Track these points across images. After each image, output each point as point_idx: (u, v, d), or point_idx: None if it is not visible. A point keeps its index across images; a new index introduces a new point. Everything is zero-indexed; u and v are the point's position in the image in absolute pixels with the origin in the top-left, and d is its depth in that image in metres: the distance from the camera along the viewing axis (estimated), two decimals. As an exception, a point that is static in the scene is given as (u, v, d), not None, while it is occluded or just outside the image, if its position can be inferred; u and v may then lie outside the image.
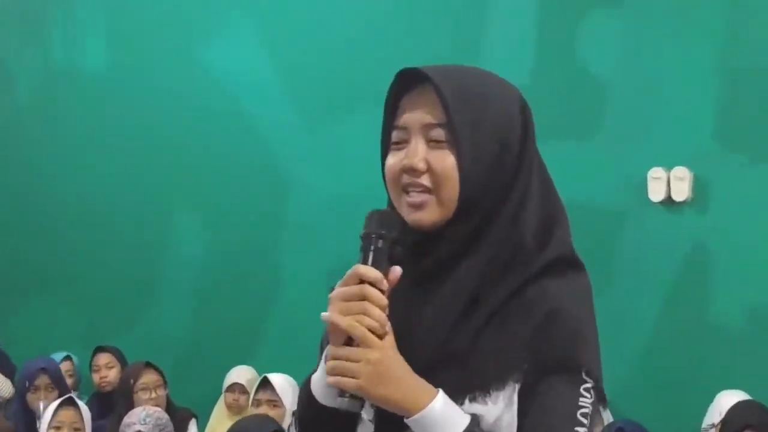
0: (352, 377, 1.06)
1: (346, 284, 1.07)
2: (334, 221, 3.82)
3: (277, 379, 3.22)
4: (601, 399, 1.11)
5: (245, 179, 4.66)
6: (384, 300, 1.06)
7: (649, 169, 3.59)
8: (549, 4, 4.10)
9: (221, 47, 4.61)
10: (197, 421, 3.90)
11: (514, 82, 1.19)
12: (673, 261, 3.67)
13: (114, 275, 4.79)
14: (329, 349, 1.09)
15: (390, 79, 1.10)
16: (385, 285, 1.07)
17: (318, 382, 1.13)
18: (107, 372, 3.99)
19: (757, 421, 3.00)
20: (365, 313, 1.05)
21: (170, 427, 3.24)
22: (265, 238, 4.26)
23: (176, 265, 4.82)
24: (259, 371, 3.62)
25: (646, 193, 3.62)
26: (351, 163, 3.80)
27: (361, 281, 1.07)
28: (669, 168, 3.56)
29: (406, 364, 1.08)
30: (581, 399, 1.08)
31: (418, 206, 1.12)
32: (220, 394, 4.05)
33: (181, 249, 4.80)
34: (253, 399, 3.29)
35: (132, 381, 3.58)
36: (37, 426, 3.47)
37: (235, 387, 3.86)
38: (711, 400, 3.31)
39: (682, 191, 3.54)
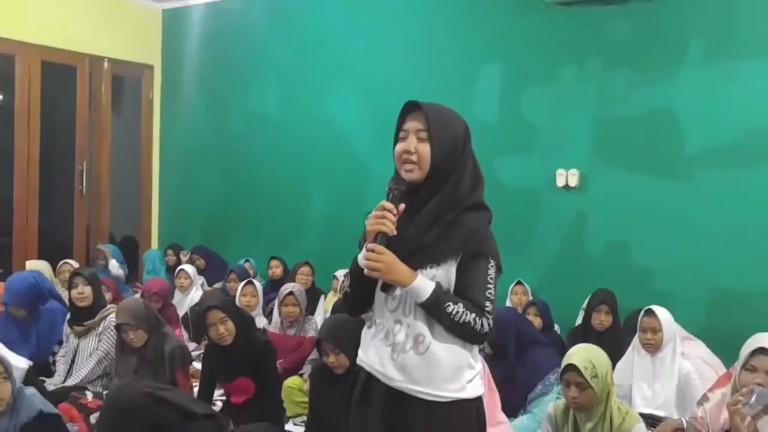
0: (375, 269, 1.78)
1: (376, 210, 1.79)
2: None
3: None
4: (499, 269, 1.86)
5: (346, 185, 6.06)
6: (392, 218, 1.78)
7: (557, 169, 5.12)
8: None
9: (336, 102, 6.22)
10: (325, 297, 5.54)
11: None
12: (567, 218, 5.13)
13: (279, 220, 6.57)
14: (366, 245, 1.80)
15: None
16: (395, 212, 1.80)
17: (359, 260, 1.85)
18: (277, 270, 5.97)
19: (605, 298, 4.29)
20: (383, 224, 1.77)
21: (303, 295, 4.72)
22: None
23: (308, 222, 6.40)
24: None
25: (555, 182, 5.14)
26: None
27: (384, 209, 1.79)
28: (567, 169, 5.09)
29: (397, 260, 1.78)
30: (489, 269, 1.82)
31: (409, 171, 1.84)
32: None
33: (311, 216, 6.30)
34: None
35: (295, 271, 5.62)
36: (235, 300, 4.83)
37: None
38: (587, 294, 4.54)
39: (573, 181, 5.07)
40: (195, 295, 5.68)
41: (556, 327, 4.81)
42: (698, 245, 4.67)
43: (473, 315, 1.80)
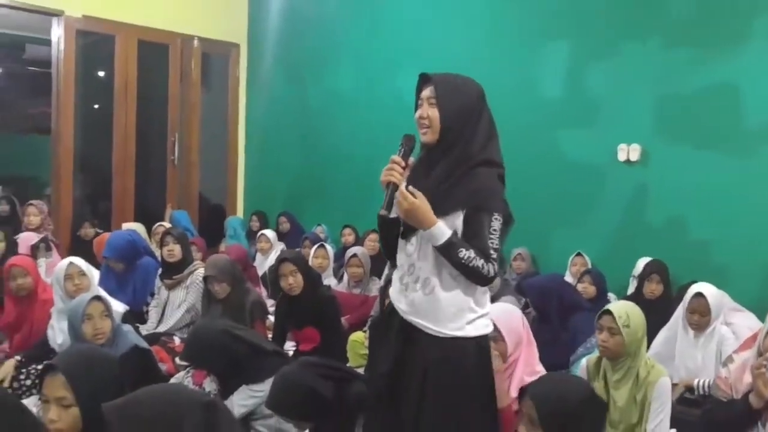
0: (403, 207, 2.03)
1: (389, 163, 2.06)
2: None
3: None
4: (507, 221, 2.05)
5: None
6: (400, 170, 2.04)
7: (618, 144, 5.21)
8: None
9: (407, 78, 5.96)
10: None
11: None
12: (627, 192, 5.21)
13: (352, 190, 6.73)
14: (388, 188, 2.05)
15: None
16: (403, 164, 2.07)
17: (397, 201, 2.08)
18: (349, 237, 6.38)
19: (657, 268, 4.43)
20: (392, 175, 2.03)
21: (367, 257, 5.17)
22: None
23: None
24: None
25: (617, 156, 5.22)
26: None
27: (393, 162, 2.06)
28: (629, 143, 5.17)
29: (427, 204, 2.00)
30: (492, 221, 2.04)
31: (424, 134, 2.11)
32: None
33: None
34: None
35: (364, 238, 5.99)
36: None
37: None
38: (637, 260, 4.90)
39: (635, 156, 5.15)
40: (274, 258, 6.07)
41: (611, 296, 4.94)
42: (756, 220, 4.71)
43: (482, 261, 2.03)
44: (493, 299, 3.50)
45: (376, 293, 4.80)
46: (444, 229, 2.04)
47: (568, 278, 5.10)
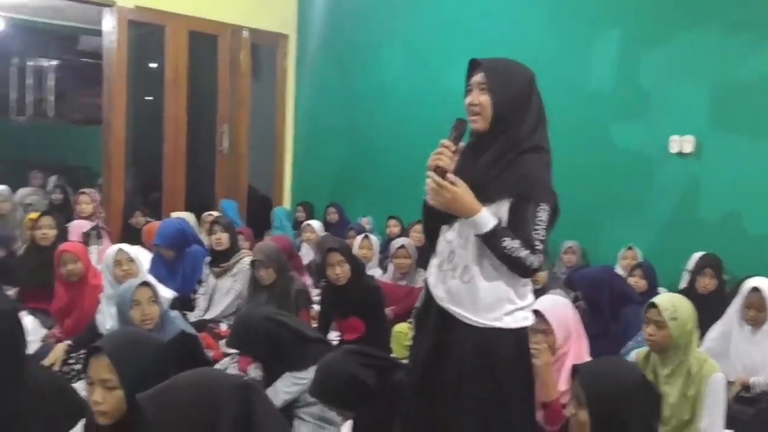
0: (443, 196, 1.99)
1: (439, 147, 2.01)
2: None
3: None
4: (554, 211, 2.01)
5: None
6: (449, 154, 1.98)
7: (670, 136, 5.13)
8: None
9: (455, 70, 5.82)
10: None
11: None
12: (680, 184, 5.14)
13: (398, 181, 6.57)
14: (430, 174, 1.99)
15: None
16: (453, 148, 2.03)
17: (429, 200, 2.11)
18: (394, 228, 6.29)
19: (711, 262, 4.36)
20: (440, 159, 1.98)
21: (414, 248, 5.15)
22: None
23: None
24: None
25: (668, 148, 5.15)
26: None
27: (442, 146, 2.01)
28: (682, 135, 5.08)
29: (469, 192, 1.96)
30: (539, 212, 1.99)
31: (475, 121, 2.07)
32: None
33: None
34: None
35: (410, 229, 5.81)
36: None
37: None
38: (690, 254, 4.73)
39: (688, 148, 5.06)
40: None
41: (662, 290, 4.81)
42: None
43: (526, 252, 1.98)
44: (541, 293, 3.45)
45: (422, 284, 4.75)
46: (488, 217, 2.00)
47: (619, 272, 4.99)
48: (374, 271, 5.28)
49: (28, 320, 3.87)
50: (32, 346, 3.69)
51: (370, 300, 3.94)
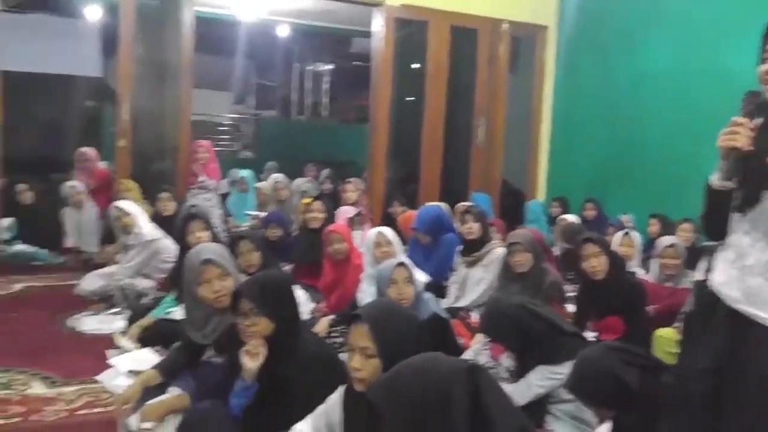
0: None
1: (729, 125, 1.78)
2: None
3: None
4: None
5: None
6: (747, 132, 1.73)
7: None
8: None
9: (734, 52, 5.53)
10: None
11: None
12: None
13: (662, 176, 6.47)
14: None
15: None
16: (750, 125, 1.77)
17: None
18: (653, 228, 5.92)
19: None
20: (734, 139, 1.74)
21: (683, 249, 4.84)
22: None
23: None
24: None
25: None
26: None
27: (735, 123, 1.76)
28: None
29: None
30: None
31: None
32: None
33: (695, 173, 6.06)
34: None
35: (675, 227, 5.68)
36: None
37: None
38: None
39: None
40: (574, 243, 5.90)
41: None
42: None
43: None
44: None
45: (687, 286, 4.38)
46: None
47: None
48: (635, 270, 4.94)
49: (300, 293, 4.17)
50: (303, 317, 3.97)
51: (630, 297, 3.67)
